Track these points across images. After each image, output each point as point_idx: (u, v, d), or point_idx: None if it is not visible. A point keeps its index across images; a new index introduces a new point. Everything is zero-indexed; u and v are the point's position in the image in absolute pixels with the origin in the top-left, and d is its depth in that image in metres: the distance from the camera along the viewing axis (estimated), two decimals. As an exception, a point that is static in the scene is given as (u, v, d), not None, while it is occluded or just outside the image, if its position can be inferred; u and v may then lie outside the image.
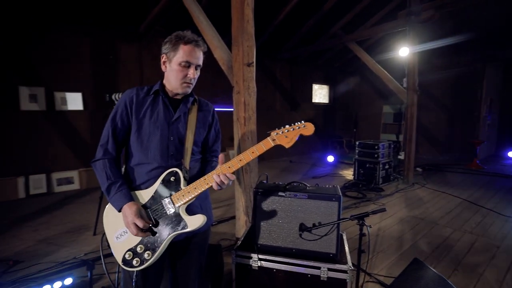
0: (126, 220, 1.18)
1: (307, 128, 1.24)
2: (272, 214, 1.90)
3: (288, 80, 8.96)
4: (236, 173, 2.65)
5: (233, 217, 3.18)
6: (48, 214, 3.83)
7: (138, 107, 1.29)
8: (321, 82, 10.10)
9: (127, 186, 1.26)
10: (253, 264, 1.83)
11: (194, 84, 1.32)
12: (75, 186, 4.92)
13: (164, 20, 5.53)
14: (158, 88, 1.32)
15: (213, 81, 5.98)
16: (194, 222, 1.20)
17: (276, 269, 1.80)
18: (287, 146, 1.23)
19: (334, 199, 1.80)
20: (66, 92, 4.95)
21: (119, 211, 1.21)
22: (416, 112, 5.51)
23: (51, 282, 2.16)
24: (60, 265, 2.55)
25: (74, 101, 5.05)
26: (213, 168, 1.35)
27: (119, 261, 1.22)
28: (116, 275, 1.74)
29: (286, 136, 1.22)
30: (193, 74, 1.27)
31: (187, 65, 1.25)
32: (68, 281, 2.19)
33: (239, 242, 2.01)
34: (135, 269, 1.21)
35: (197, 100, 1.41)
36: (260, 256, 1.82)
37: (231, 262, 1.88)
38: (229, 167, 1.21)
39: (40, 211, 3.93)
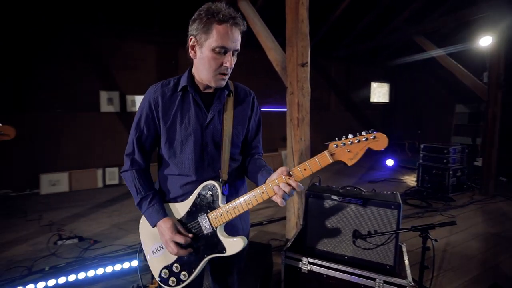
0: (163, 239, 1.08)
1: (378, 141, 0.93)
2: (324, 218, 1.84)
3: (344, 78, 8.57)
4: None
5: (284, 218, 3.17)
6: (119, 203, 4.34)
7: (166, 110, 1.10)
8: (380, 80, 9.42)
9: (159, 199, 1.13)
10: (302, 267, 1.80)
11: (229, 73, 1.08)
12: (142, 179, 5.50)
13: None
14: (186, 83, 1.10)
15: (266, 82, 6.05)
16: (233, 246, 1.06)
17: (327, 275, 1.74)
18: (349, 163, 0.96)
19: (393, 206, 1.66)
20: (135, 95, 5.56)
21: (153, 226, 1.11)
22: (499, 111, 4.73)
23: (121, 261, 2.46)
24: (128, 248, 2.87)
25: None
26: (258, 167, 1.16)
27: (156, 277, 1.16)
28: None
29: (348, 150, 0.94)
30: (230, 62, 1.02)
31: (222, 51, 0.99)
32: (134, 263, 2.47)
33: (289, 244, 1.99)
34: None
35: (233, 91, 1.17)
36: (310, 260, 1.78)
37: (281, 263, 1.88)
38: (275, 187, 0.98)
39: (113, 199, 4.49)
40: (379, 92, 9.56)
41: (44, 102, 4.95)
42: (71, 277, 2.29)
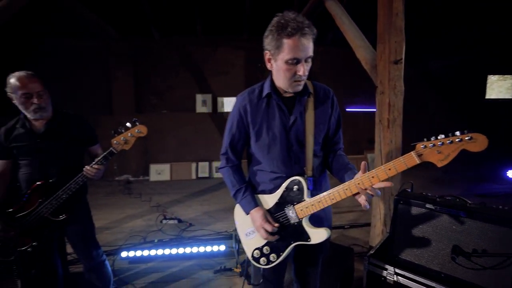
0: (255, 224, 1.25)
1: (476, 142, 0.87)
2: (415, 227, 1.68)
3: (445, 73, 7.39)
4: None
5: (367, 224, 3.00)
6: (209, 193, 4.88)
7: (254, 116, 1.25)
8: (502, 72, 7.70)
9: (251, 191, 1.30)
10: (387, 277, 1.70)
11: (306, 78, 1.16)
12: (228, 174, 6.03)
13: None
14: (269, 90, 1.22)
15: (352, 81, 5.78)
16: (317, 236, 1.19)
17: (417, 290, 1.59)
18: (439, 164, 0.95)
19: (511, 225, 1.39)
20: (224, 97, 6.13)
21: (247, 214, 1.29)
22: None
23: (211, 244, 2.77)
24: (216, 234, 3.22)
25: (230, 105, 6.16)
26: (342, 165, 1.26)
27: (249, 256, 1.33)
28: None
29: (438, 151, 0.93)
30: (304, 70, 1.10)
31: (294, 61, 1.08)
32: (222, 247, 2.75)
33: (373, 251, 1.90)
34: (262, 267, 1.31)
35: (312, 93, 1.24)
36: (398, 271, 1.66)
37: (363, 269, 1.81)
38: (359, 183, 1.06)
39: (204, 190, 5.07)
40: (500, 87, 7.80)
41: (154, 105, 5.99)
42: (173, 251, 2.72)
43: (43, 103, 1.59)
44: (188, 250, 2.73)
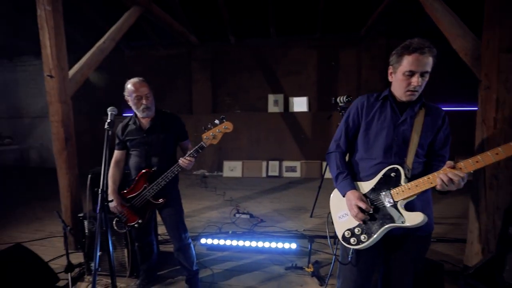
0: (349, 203, 1.36)
1: None
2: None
3: None
4: (473, 186, 2.16)
5: (460, 240, 2.62)
6: (279, 192, 4.96)
7: (368, 111, 1.45)
8: None
9: (351, 177, 1.45)
10: (493, 303, 1.45)
11: (420, 91, 1.32)
12: (297, 174, 6.01)
13: (386, 19, 5.37)
14: (387, 94, 1.42)
15: (442, 77, 5.08)
16: (413, 218, 1.22)
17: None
18: None
19: None
20: (295, 97, 6.12)
21: (344, 195, 1.41)
22: None
23: (282, 241, 2.81)
24: (287, 232, 3.26)
25: (301, 104, 6.12)
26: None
27: (339, 236, 1.42)
28: (335, 248, 1.87)
29: None
30: (417, 82, 1.27)
31: (410, 74, 1.27)
32: (293, 245, 2.77)
33: (472, 270, 1.65)
34: (351, 247, 1.36)
35: (425, 105, 1.40)
36: (507, 297, 1.40)
37: (458, 289, 1.59)
38: (461, 168, 1.13)
39: (274, 189, 5.17)
40: None
41: (228, 105, 6.39)
42: (246, 243, 2.86)
43: (149, 103, 1.90)
44: (260, 244, 2.84)
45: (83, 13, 5.75)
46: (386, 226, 1.27)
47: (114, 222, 2.13)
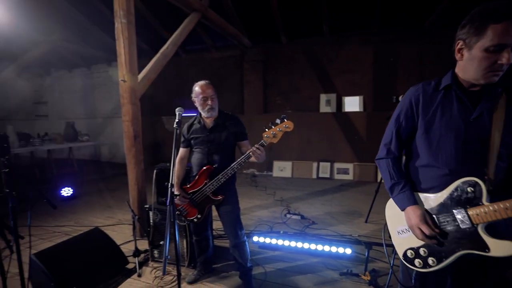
0: (409, 222, 1.16)
1: None
2: None
3: None
4: None
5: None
6: (330, 194, 4.80)
7: (426, 106, 1.16)
8: None
9: (410, 188, 1.21)
10: None
11: (505, 70, 1.00)
12: (349, 176, 5.74)
13: (454, 9, 4.81)
14: (450, 82, 1.11)
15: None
16: (500, 248, 0.97)
17: None
18: None
19: None
20: (349, 96, 5.86)
21: (402, 210, 1.20)
22: None
23: (336, 245, 2.71)
24: (340, 236, 3.13)
25: (354, 104, 5.83)
26: None
27: (400, 255, 1.23)
28: (392, 261, 1.74)
29: None
30: (507, 58, 0.95)
31: (498, 49, 0.94)
32: (348, 251, 2.65)
33: None
34: (416, 269, 1.17)
35: (508, 89, 1.06)
36: None
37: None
38: None
39: (325, 191, 5.02)
40: None
41: (279, 105, 6.40)
42: (299, 244, 2.83)
43: (214, 104, 2.02)
44: (313, 246, 2.78)
45: (146, 23, 6.31)
46: (463, 252, 1.05)
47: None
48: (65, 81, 9.18)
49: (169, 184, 1.54)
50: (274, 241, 2.92)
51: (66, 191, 4.69)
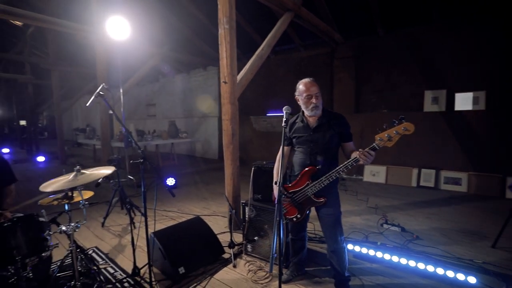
0: None
1: None
2: None
3: None
4: None
5: None
6: (436, 207, 4.11)
7: None
8: None
9: None
10: None
11: None
12: (462, 188, 4.81)
13: None
14: None
15: None
16: None
17: None
18: None
19: None
20: (463, 92, 4.90)
21: None
22: None
23: (455, 270, 2.27)
24: (457, 259, 2.62)
25: (468, 101, 4.85)
26: None
27: None
28: None
29: None
30: None
31: None
32: (472, 279, 2.18)
33: None
34: None
35: None
36: None
37: None
38: None
39: (429, 202, 4.33)
40: None
41: (373, 104, 5.86)
42: (402, 260, 2.49)
43: (318, 102, 1.93)
44: (420, 265, 2.41)
45: (238, 27, 6.71)
46: None
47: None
48: (169, 85, 10.62)
49: (278, 183, 1.53)
50: (371, 252, 2.66)
51: (170, 181, 5.38)
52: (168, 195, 4.86)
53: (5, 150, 11.10)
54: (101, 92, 2.17)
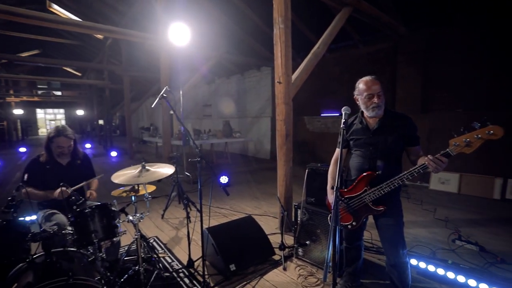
0: None
1: None
2: None
3: None
4: None
5: None
6: (526, 225, 3.46)
7: None
8: None
9: None
10: None
11: None
12: None
13: None
14: None
15: None
16: None
17: None
18: None
19: None
20: None
21: None
22: None
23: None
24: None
25: None
26: None
27: None
28: None
29: None
30: None
31: None
32: None
33: None
34: None
35: None
36: None
37: None
38: None
39: (516, 218, 3.67)
40: None
41: (445, 103, 5.19)
42: (472, 282, 2.14)
43: (380, 102, 1.76)
44: (506, 294, 2.03)
45: (293, 25, 6.61)
46: None
47: (328, 217, 2.20)
48: (224, 86, 11.04)
49: (335, 188, 1.44)
50: (440, 271, 2.34)
51: (223, 179, 5.57)
52: (221, 193, 5.02)
53: (87, 146, 12.98)
54: (164, 94, 2.33)
